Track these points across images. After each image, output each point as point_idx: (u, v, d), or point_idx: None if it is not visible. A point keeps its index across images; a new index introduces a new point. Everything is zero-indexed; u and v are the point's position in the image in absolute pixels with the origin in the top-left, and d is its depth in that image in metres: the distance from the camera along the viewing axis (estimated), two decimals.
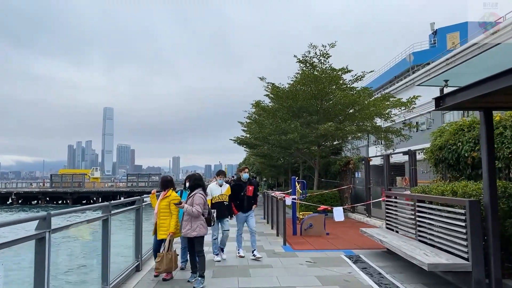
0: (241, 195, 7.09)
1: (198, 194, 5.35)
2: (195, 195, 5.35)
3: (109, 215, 4.93)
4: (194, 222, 5.28)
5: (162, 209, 5.56)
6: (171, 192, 5.69)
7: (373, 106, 14.60)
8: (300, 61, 15.07)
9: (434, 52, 36.96)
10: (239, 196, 7.11)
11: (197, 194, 5.35)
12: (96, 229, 5.15)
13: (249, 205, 7.22)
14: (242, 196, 7.10)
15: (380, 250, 7.67)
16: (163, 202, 5.56)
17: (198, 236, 5.30)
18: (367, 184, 12.51)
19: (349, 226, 11.64)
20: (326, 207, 9.59)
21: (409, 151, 9.52)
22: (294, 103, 14.96)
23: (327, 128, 13.76)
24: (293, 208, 9.80)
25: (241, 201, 7.11)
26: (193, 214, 5.23)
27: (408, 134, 16.09)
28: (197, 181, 5.54)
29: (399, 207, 7.27)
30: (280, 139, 14.66)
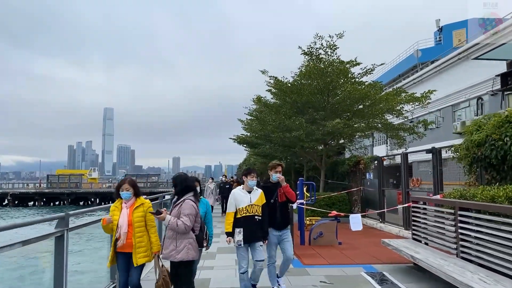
0: (271, 203, 4.86)
1: (188, 201, 3.94)
2: (183, 203, 3.94)
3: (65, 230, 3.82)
4: (180, 241, 3.88)
5: (137, 222, 4.03)
6: (143, 199, 4.24)
7: (384, 101, 13.41)
8: (305, 53, 13.89)
9: (440, 50, 35.82)
10: (268, 205, 4.86)
11: (186, 201, 3.93)
12: None
13: (284, 218, 4.94)
14: (272, 205, 4.87)
15: (405, 265, 6.50)
16: (138, 213, 4.09)
17: (184, 261, 3.86)
18: (380, 186, 11.34)
19: (362, 233, 10.41)
20: (337, 213, 8.44)
21: (434, 149, 8.35)
22: (298, 98, 13.78)
23: (335, 125, 12.58)
24: (301, 214, 8.61)
25: (272, 213, 4.84)
26: (179, 230, 3.82)
27: (422, 132, 14.92)
28: (186, 182, 4.09)
29: (430, 215, 6.11)
30: (284, 136, 13.48)
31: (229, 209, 4.63)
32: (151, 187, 54.00)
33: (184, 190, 4.06)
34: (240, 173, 60.19)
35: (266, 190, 4.89)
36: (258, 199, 4.65)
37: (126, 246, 3.95)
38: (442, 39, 39.55)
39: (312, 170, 17.58)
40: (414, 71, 33.96)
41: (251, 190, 4.67)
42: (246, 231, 4.48)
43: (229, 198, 4.67)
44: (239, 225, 4.50)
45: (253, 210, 4.56)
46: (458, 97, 21.57)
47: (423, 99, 14.01)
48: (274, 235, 4.86)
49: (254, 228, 4.53)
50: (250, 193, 4.65)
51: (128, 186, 4.08)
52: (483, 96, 19.74)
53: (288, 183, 5.07)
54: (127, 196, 4.05)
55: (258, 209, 4.60)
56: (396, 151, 14.25)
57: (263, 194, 4.77)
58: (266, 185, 5.04)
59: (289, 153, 16.84)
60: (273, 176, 4.94)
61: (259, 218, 4.59)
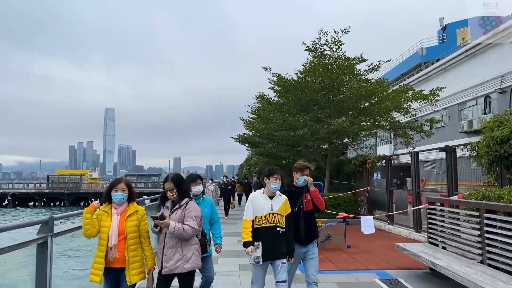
0: (294, 211, 3.93)
1: (193, 203, 3.54)
2: (187, 205, 3.46)
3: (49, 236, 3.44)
4: (187, 248, 3.37)
5: (130, 233, 3.35)
6: (137, 206, 3.53)
7: (392, 99, 12.99)
8: (310, 49, 13.45)
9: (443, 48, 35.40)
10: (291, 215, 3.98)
11: (191, 202, 3.52)
12: None
13: (310, 230, 4.01)
14: (296, 214, 3.94)
15: (421, 271, 6.08)
16: (131, 222, 3.38)
17: (191, 270, 3.41)
18: (388, 187, 10.91)
19: (370, 235, 9.95)
20: (346, 214, 8.02)
21: (448, 147, 7.93)
22: (302, 95, 13.35)
23: (341, 123, 12.17)
24: None
25: (295, 223, 3.91)
26: (185, 235, 3.31)
27: (430, 130, 14.49)
28: (185, 184, 3.63)
29: (448, 217, 5.69)
30: (288, 135, 13.05)
31: (246, 216, 3.78)
32: (152, 187, 53.61)
33: (186, 193, 3.57)
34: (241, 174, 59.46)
35: (289, 195, 3.95)
36: (281, 207, 3.76)
37: (116, 261, 3.28)
38: (445, 38, 39.11)
39: (316, 170, 17.17)
40: (417, 70, 33.52)
41: (273, 196, 3.78)
42: (266, 245, 3.61)
43: (247, 203, 3.85)
44: (257, 237, 3.65)
45: (274, 220, 3.69)
46: (465, 95, 21.14)
47: (431, 96, 13.59)
48: (297, 252, 3.90)
49: (276, 242, 3.65)
50: (271, 199, 3.76)
51: (125, 186, 3.40)
52: (491, 94, 19.30)
53: None
54: (121, 199, 3.37)
55: (281, 219, 3.72)
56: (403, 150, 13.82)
57: (287, 202, 3.83)
58: (289, 190, 4.06)
59: (292, 153, 16.42)
60: (300, 179, 4.02)
61: (282, 230, 3.69)
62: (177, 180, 3.51)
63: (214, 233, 4.31)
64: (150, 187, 53.23)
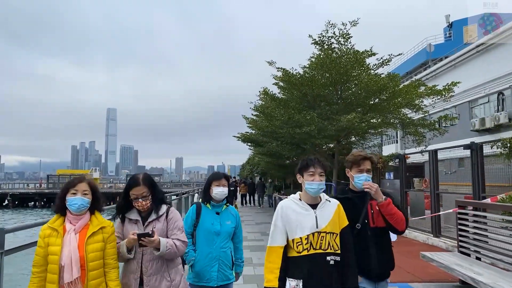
0: (355, 230, 2.54)
1: (176, 211, 2.69)
2: (170, 213, 2.61)
3: None
4: (174, 271, 2.58)
5: (92, 261, 2.32)
6: (102, 219, 2.47)
7: (404, 94, 12.24)
8: (316, 43, 12.74)
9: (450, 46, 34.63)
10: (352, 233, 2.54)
11: (173, 210, 2.66)
12: None
13: (383, 259, 2.61)
14: (359, 234, 2.54)
15: (451, 284, 5.34)
16: (94, 244, 2.35)
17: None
18: (403, 188, 10.16)
19: None
20: None
21: (473, 144, 7.17)
22: (309, 90, 12.62)
23: (351, 120, 11.43)
24: None
25: (360, 248, 2.50)
26: (178, 254, 2.53)
27: (443, 128, 13.73)
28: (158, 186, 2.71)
29: (481, 223, 4.94)
30: (294, 132, 12.33)
31: (273, 240, 2.33)
32: None
33: (163, 199, 2.69)
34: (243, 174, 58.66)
35: (346, 205, 2.49)
36: (332, 219, 2.32)
37: None
38: (452, 35, 38.35)
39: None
40: (423, 68, 32.72)
41: (317, 203, 2.35)
42: (311, 286, 2.24)
43: (274, 217, 2.40)
44: (294, 273, 2.27)
45: (323, 242, 2.26)
46: (476, 92, 20.33)
47: (445, 92, 12.83)
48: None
49: (327, 280, 2.24)
50: (314, 207, 2.33)
51: (87, 188, 2.38)
52: (504, 91, 18.50)
53: None
54: (81, 206, 2.32)
55: (332, 240, 2.28)
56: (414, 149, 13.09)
57: (341, 210, 2.41)
58: (344, 197, 2.63)
59: (298, 151, 15.68)
60: (357, 180, 2.60)
61: (336, 258, 2.28)
62: (152, 182, 2.59)
63: (237, 257, 3.30)
64: None
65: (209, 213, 3.16)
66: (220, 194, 3.14)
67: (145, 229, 2.52)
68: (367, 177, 2.60)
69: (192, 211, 3.21)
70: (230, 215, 3.24)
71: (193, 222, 3.14)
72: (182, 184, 64.07)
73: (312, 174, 2.33)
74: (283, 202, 2.44)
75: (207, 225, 3.11)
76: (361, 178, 2.59)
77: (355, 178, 2.63)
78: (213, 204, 3.19)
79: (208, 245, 3.07)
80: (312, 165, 2.35)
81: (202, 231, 3.11)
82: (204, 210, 3.18)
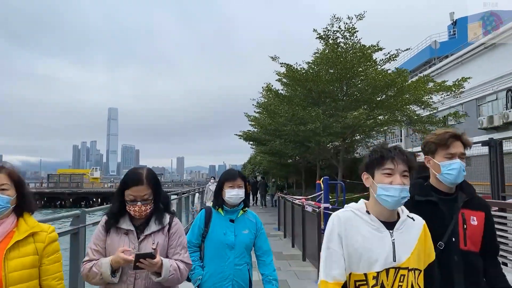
0: (441, 252, 1.63)
1: (179, 223, 2.03)
2: (173, 225, 1.96)
3: None
4: None
5: (16, 284, 1.57)
6: (34, 222, 1.73)
7: (413, 90, 11.82)
8: (321, 37, 12.33)
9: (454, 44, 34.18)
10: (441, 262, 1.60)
11: (176, 222, 2.00)
12: None
13: None
14: (445, 257, 1.65)
15: None
16: (19, 259, 1.60)
17: None
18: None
19: None
20: None
21: (492, 141, 6.71)
22: (314, 86, 12.20)
23: (357, 117, 11.01)
24: (326, 222, 7.02)
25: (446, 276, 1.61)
26: (181, 280, 1.91)
27: (453, 126, 13.29)
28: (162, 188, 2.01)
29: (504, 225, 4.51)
30: (298, 130, 11.91)
31: (327, 274, 1.45)
32: None
33: (168, 205, 2.01)
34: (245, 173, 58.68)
35: (426, 212, 1.64)
36: (416, 249, 1.45)
37: None
38: (456, 33, 37.90)
39: (326, 169, 16.01)
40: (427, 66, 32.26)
41: (395, 220, 1.47)
42: None
43: (326, 238, 1.50)
44: None
45: (402, 285, 1.39)
46: (484, 89, 19.86)
47: (455, 88, 12.40)
48: None
49: None
50: (391, 228, 1.45)
51: (7, 180, 1.67)
52: None
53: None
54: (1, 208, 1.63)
55: (415, 281, 1.42)
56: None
57: (428, 233, 1.51)
58: (425, 200, 1.75)
59: (301, 150, 15.27)
60: (447, 170, 1.72)
61: None
62: (157, 181, 1.91)
63: (264, 273, 2.53)
64: None
65: (222, 220, 2.52)
66: (234, 198, 2.48)
67: (141, 243, 1.83)
68: (461, 165, 1.70)
69: (200, 218, 2.57)
70: (247, 222, 2.57)
71: (201, 232, 2.53)
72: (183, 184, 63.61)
73: (390, 174, 1.44)
74: (340, 214, 1.51)
75: (218, 235, 2.47)
76: (454, 166, 1.69)
77: (443, 167, 1.71)
78: (227, 210, 2.53)
79: (219, 261, 2.45)
80: (391, 159, 1.45)
81: (212, 243, 2.48)
82: (216, 217, 2.54)
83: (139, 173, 1.86)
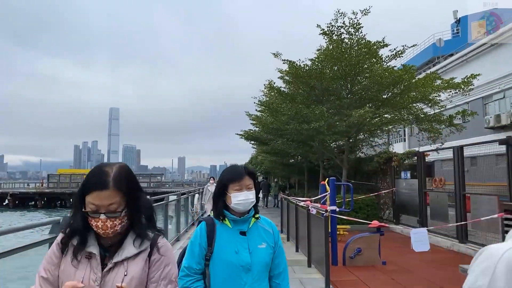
0: None
1: (168, 245, 1.39)
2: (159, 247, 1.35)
3: None
4: None
5: None
6: None
7: (421, 87, 11.40)
8: (325, 33, 11.91)
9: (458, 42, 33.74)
10: None
11: (164, 243, 1.37)
12: None
13: None
14: None
15: None
16: None
17: None
18: (422, 188, 9.33)
19: (405, 246, 8.46)
20: (380, 223, 6.49)
21: (510, 139, 6.33)
22: (318, 83, 11.79)
23: (363, 115, 10.59)
24: (333, 225, 6.60)
25: None
26: None
27: (461, 124, 12.89)
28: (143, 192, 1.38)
29: None
30: (301, 128, 11.50)
31: None
32: (154, 187, 52.30)
33: (152, 217, 1.37)
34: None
35: None
36: None
37: None
38: (460, 31, 37.45)
39: (331, 169, 15.60)
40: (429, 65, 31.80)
41: None
42: None
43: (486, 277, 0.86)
44: None
45: None
46: (491, 88, 19.43)
47: (464, 85, 11.97)
48: None
49: None
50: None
51: None
52: None
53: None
54: None
55: None
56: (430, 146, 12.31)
57: None
58: None
59: (304, 149, 14.86)
60: None
61: None
62: (130, 183, 1.33)
63: None
64: (152, 187, 51.94)
65: (230, 234, 1.88)
66: (244, 203, 1.85)
67: (106, 275, 1.27)
68: None
69: (200, 234, 1.88)
70: (262, 232, 1.91)
71: (203, 253, 1.85)
72: (184, 184, 63.27)
73: None
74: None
75: (228, 255, 1.83)
76: None
77: None
78: (235, 219, 1.89)
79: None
80: None
81: (221, 266, 1.83)
82: (221, 230, 1.89)
83: (103, 172, 1.28)
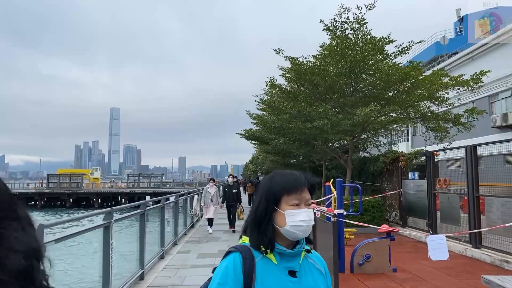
0: None
1: None
2: None
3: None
4: None
5: None
6: None
7: (428, 84, 10.98)
8: (328, 29, 11.49)
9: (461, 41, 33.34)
10: None
11: None
12: None
13: None
14: None
15: None
16: None
17: None
18: (431, 189, 8.90)
19: (413, 250, 8.05)
20: (390, 228, 6.08)
21: None
22: (322, 80, 11.37)
23: (368, 113, 10.18)
24: (340, 230, 6.18)
25: None
26: None
27: (469, 123, 12.45)
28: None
29: None
30: (304, 127, 11.09)
31: None
32: (154, 187, 51.90)
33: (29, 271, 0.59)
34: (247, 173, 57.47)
35: None
36: None
37: None
38: (463, 30, 37.03)
39: (333, 169, 15.18)
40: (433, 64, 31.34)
41: None
42: None
43: None
44: None
45: None
46: (498, 86, 18.99)
47: (472, 82, 11.54)
48: None
49: None
50: None
51: None
52: None
53: None
54: None
55: None
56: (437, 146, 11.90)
57: None
58: None
59: (307, 148, 14.44)
60: None
61: None
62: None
63: None
64: (153, 187, 51.54)
65: (275, 275, 1.22)
66: (305, 227, 1.24)
67: None
68: None
69: (234, 274, 1.21)
70: (315, 272, 1.30)
71: None
72: (185, 184, 62.81)
73: None
74: None
75: None
76: None
77: None
78: (282, 252, 1.24)
79: None
80: None
81: None
82: (263, 268, 1.22)
83: None
